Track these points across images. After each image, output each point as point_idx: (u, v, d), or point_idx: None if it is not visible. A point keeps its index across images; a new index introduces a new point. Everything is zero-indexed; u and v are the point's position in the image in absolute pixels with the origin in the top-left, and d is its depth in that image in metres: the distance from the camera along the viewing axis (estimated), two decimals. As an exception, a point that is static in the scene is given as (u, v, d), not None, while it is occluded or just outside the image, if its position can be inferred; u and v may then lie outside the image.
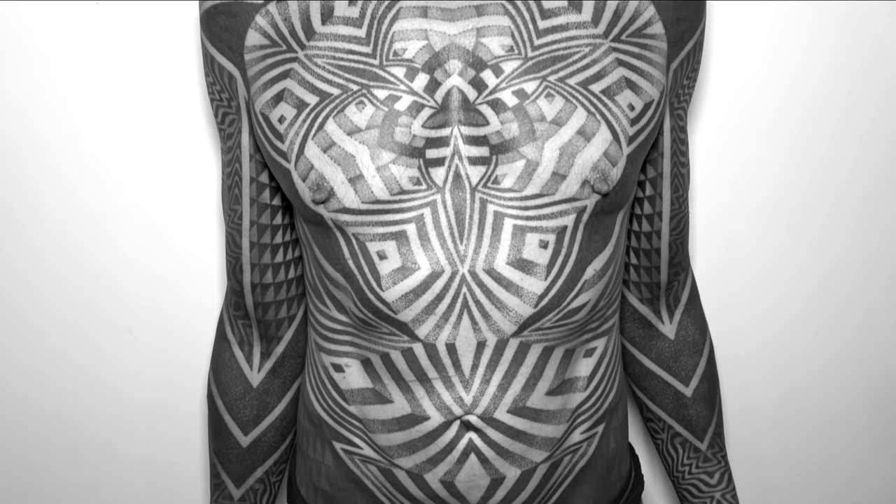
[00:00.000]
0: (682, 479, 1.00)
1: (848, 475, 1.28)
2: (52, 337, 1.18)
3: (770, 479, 1.28)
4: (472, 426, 0.81)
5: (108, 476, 1.21)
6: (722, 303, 1.20)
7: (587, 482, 0.89)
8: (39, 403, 1.19)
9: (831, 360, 1.25)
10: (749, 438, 1.26)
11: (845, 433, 1.27)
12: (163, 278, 1.17)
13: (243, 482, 0.96)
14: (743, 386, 1.24)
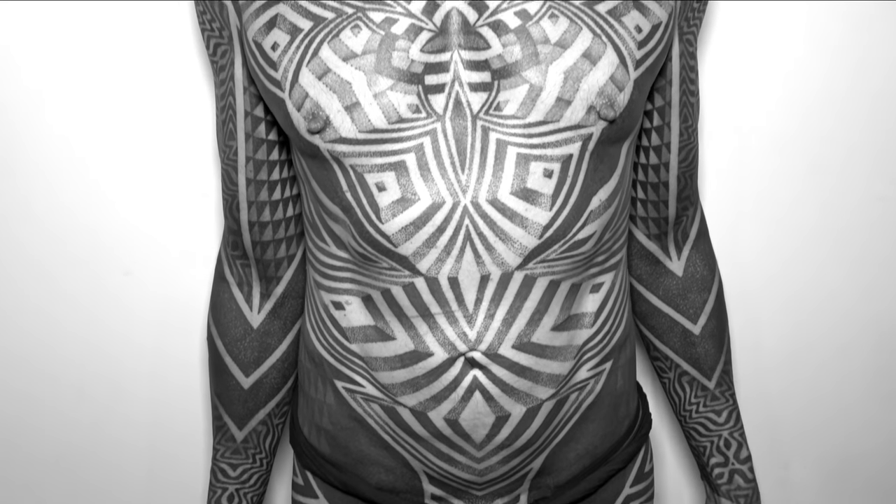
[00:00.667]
0: (689, 418, 0.97)
1: (854, 409, 1.25)
2: (55, 277, 1.15)
3: (778, 416, 1.26)
4: (477, 363, 0.78)
5: (111, 414, 1.19)
6: (731, 238, 1.16)
7: (594, 420, 0.86)
8: (45, 342, 1.17)
9: (836, 294, 1.21)
10: (757, 376, 1.23)
11: (851, 367, 1.24)
12: (161, 221, 1.14)
13: (246, 424, 0.94)
14: (751, 323, 1.21)
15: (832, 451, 1.28)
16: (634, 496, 0.92)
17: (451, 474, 0.83)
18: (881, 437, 1.27)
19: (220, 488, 0.94)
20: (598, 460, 0.88)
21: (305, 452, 0.91)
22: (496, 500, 0.86)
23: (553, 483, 0.87)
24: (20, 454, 1.21)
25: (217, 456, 0.95)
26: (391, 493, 0.87)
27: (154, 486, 1.22)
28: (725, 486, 0.95)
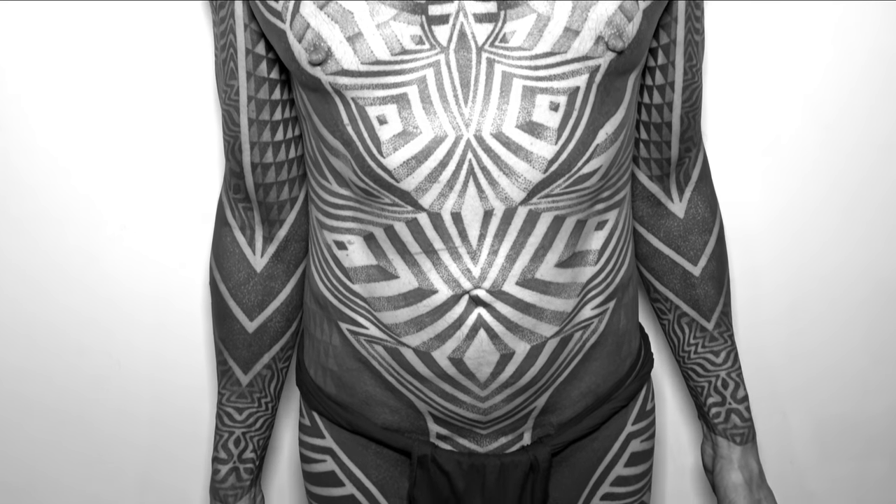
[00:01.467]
0: (687, 358, 0.96)
1: (850, 359, 1.25)
2: (56, 231, 1.13)
3: (775, 363, 1.25)
4: (481, 301, 0.77)
5: (115, 369, 1.18)
6: (733, 181, 1.15)
7: (597, 358, 0.85)
8: (51, 295, 1.16)
9: (834, 242, 1.20)
10: (755, 323, 1.22)
11: (848, 316, 1.23)
12: (158, 169, 1.12)
13: (250, 368, 0.92)
14: (752, 269, 1.20)
15: (829, 400, 1.27)
16: (636, 434, 0.91)
17: (456, 414, 0.82)
18: (877, 387, 1.27)
19: (227, 432, 0.93)
20: (601, 399, 0.87)
21: (312, 393, 0.90)
22: (500, 439, 0.85)
23: (556, 421, 0.86)
24: (16, 427, 1.20)
25: (222, 400, 0.93)
26: (397, 432, 0.86)
27: (157, 434, 1.22)
28: (722, 425, 0.94)
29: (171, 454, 1.21)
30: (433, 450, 0.85)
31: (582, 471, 0.90)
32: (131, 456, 1.21)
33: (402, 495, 0.89)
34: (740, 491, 0.92)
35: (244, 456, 0.92)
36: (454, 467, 0.84)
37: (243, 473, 0.92)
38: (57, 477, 1.22)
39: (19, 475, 1.22)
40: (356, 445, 0.89)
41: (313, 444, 0.91)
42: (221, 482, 0.92)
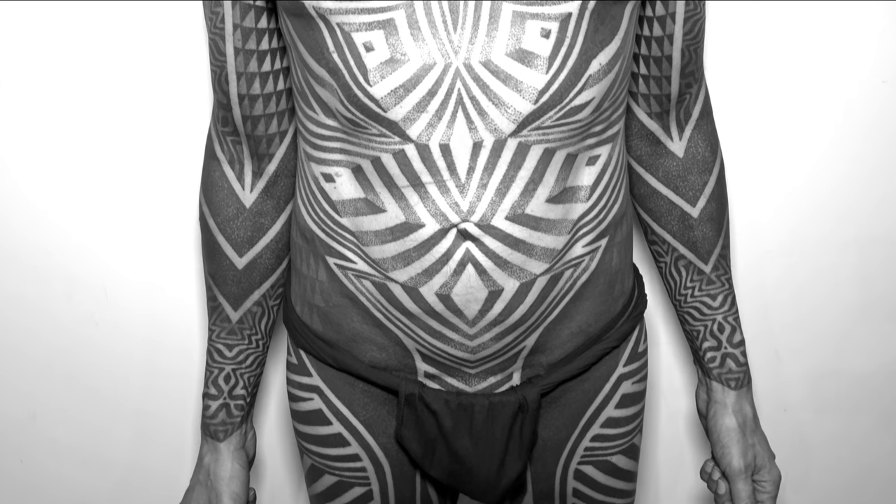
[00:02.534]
0: (683, 302, 0.93)
1: (852, 302, 1.22)
2: (44, 168, 1.11)
3: (771, 305, 1.22)
4: (469, 235, 0.74)
5: (105, 309, 1.17)
6: (735, 119, 1.11)
7: (588, 298, 0.82)
8: (32, 241, 1.14)
9: (840, 185, 1.17)
10: (754, 265, 1.19)
11: (852, 261, 1.20)
12: (151, 104, 1.09)
13: (240, 305, 0.90)
14: (751, 206, 1.16)
15: (824, 347, 1.25)
16: (627, 375, 0.89)
17: (444, 352, 0.80)
18: (874, 336, 1.24)
19: (217, 368, 0.91)
20: (592, 339, 0.85)
21: (298, 330, 0.88)
22: (489, 378, 0.83)
23: (546, 361, 0.84)
24: (14, 354, 1.19)
25: (213, 337, 0.92)
26: (384, 370, 0.84)
27: (150, 376, 1.21)
28: (717, 369, 0.91)
29: (164, 391, 1.21)
30: (421, 388, 0.83)
31: (572, 412, 0.88)
32: (127, 391, 1.21)
33: (390, 434, 0.88)
34: (733, 435, 0.90)
35: (234, 392, 0.91)
36: (442, 406, 0.83)
37: (234, 410, 0.91)
38: (56, 407, 1.21)
39: (19, 407, 1.22)
40: (343, 384, 0.87)
41: (300, 383, 0.90)
42: (212, 418, 0.90)
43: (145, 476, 1.23)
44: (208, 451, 0.91)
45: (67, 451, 1.22)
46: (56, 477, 1.23)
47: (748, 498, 0.88)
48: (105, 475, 1.24)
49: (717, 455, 0.90)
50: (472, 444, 0.84)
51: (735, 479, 0.88)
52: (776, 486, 0.90)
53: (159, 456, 1.23)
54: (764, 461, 0.90)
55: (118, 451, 1.23)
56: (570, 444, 0.89)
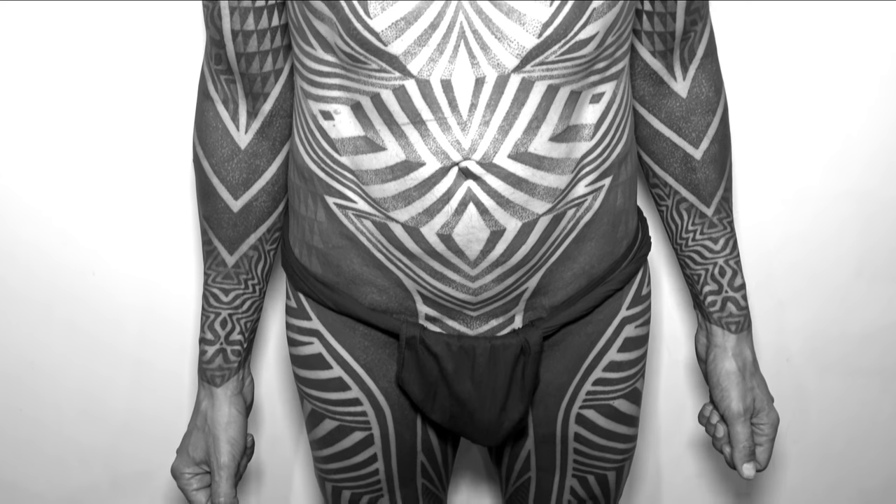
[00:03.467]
0: (685, 245, 0.92)
1: (852, 246, 1.21)
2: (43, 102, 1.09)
3: (773, 251, 1.21)
4: (471, 173, 0.72)
5: (102, 258, 1.15)
6: (739, 57, 1.08)
7: (591, 239, 0.81)
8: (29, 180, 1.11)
9: (845, 135, 1.15)
10: (756, 206, 1.18)
11: (848, 211, 1.19)
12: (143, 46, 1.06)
13: (236, 249, 0.88)
14: (756, 150, 1.15)
15: (826, 293, 1.24)
16: (630, 318, 0.88)
17: (445, 294, 0.79)
18: (874, 284, 1.23)
19: (213, 313, 0.89)
20: (595, 281, 0.84)
21: (297, 273, 0.86)
22: (490, 321, 0.82)
23: (548, 304, 0.82)
24: (12, 302, 1.17)
25: (208, 281, 0.90)
26: (384, 313, 0.83)
27: (147, 323, 1.19)
28: (718, 313, 0.90)
29: (161, 339, 1.20)
30: (422, 331, 0.81)
31: (574, 355, 0.87)
32: (125, 339, 1.20)
33: (391, 378, 0.87)
34: (733, 378, 0.89)
35: (231, 338, 0.89)
36: (443, 349, 0.82)
37: (231, 355, 0.89)
38: (54, 356, 1.20)
39: (18, 356, 1.20)
40: (343, 327, 0.86)
41: (300, 327, 0.88)
42: (209, 363, 0.89)
43: (143, 423, 1.23)
44: (205, 397, 0.89)
45: (66, 399, 1.21)
46: (55, 425, 1.22)
47: (746, 440, 0.88)
48: (104, 423, 1.23)
49: (715, 398, 0.90)
50: (473, 388, 0.83)
51: (734, 422, 0.88)
52: (774, 428, 0.90)
53: (157, 403, 1.22)
54: (763, 404, 0.90)
55: (117, 399, 1.22)
56: (572, 387, 0.88)
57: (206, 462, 0.88)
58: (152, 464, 1.23)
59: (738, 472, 0.88)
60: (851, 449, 1.32)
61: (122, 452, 1.24)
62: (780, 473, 1.34)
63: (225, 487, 0.85)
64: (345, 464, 0.92)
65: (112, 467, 1.25)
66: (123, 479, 1.26)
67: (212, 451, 0.87)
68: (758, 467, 0.89)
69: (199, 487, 0.88)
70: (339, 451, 0.91)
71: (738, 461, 0.88)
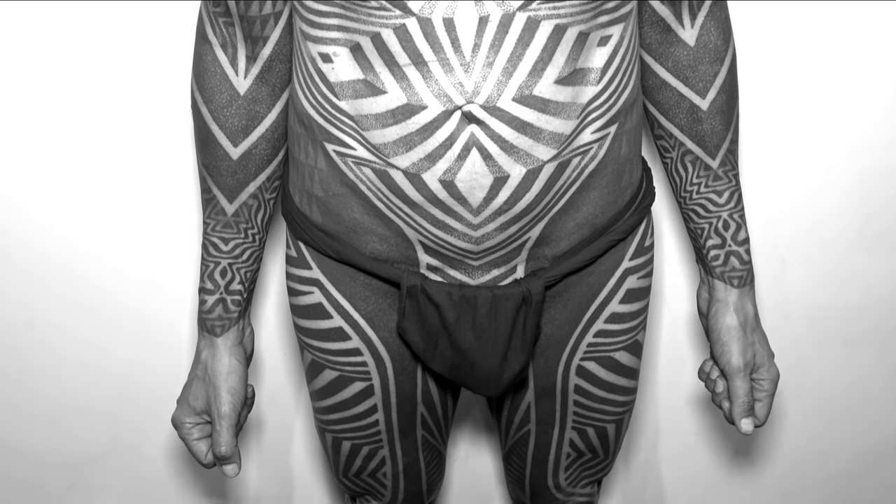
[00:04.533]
0: (689, 199, 0.90)
1: (852, 217, 1.20)
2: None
3: (777, 210, 1.20)
4: (474, 117, 0.70)
5: (100, 220, 1.14)
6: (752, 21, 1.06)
7: (596, 188, 0.79)
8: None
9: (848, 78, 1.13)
10: (762, 156, 1.16)
11: (853, 170, 1.17)
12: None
13: (236, 197, 0.87)
14: (762, 98, 1.13)
15: (830, 250, 1.23)
16: (633, 270, 0.86)
17: (447, 243, 0.77)
18: (878, 240, 1.22)
19: (213, 262, 0.88)
20: (598, 231, 0.82)
21: (297, 222, 0.84)
22: (492, 271, 0.81)
23: (551, 254, 0.81)
24: (10, 261, 1.16)
25: (208, 230, 0.88)
26: (385, 262, 0.81)
27: (147, 279, 1.18)
28: (720, 268, 0.88)
29: (160, 298, 1.18)
30: (423, 280, 0.80)
31: (576, 306, 0.86)
32: (123, 298, 1.18)
33: (391, 328, 0.86)
34: (734, 333, 0.87)
35: (231, 287, 0.88)
36: (444, 298, 0.80)
37: (230, 305, 0.88)
38: (53, 314, 1.19)
39: (17, 314, 1.19)
40: (344, 276, 0.84)
41: (300, 276, 0.87)
42: (208, 313, 0.88)
43: (143, 381, 1.22)
44: (205, 347, 0.88)
45: (66, 357, 1.20)
46: (56, 383, 1.21)
47: (746, 395, 0.86)
48: (104, 380, 1.22)
49: (716, 353, 0.89)
50: (474, 338, 0.82)
51: (733, 377, 0.87)
52: (774, 384, 0.89)
53: (157, 361, 1.21)
54: (763, 360, 0.89)
55: (116, 356, 1.21)
56: (573, 339, 0.87)
57: (206, 412, 0.87)
58: (153, 421, 1.23)
59: (737, 427, 0.87)
60: (849, 407, 1.32)
61: (122, 410, 1.24)
62: (778, 430, 1.33)
63: (226, 437, 0.84)
64: (345, 414, 0.91)
65: (112, 425, 1.24)
66: (124, 437, 1.25)
67: (212, 400, 0.86)
68: (756, 423, 0.88)
69: (200, 437, 0.88)
70: (339, 402, 0.91)
71: (737, 416, 0.87)
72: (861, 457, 1.35)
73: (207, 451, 0.87)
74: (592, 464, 0.99)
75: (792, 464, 1.35)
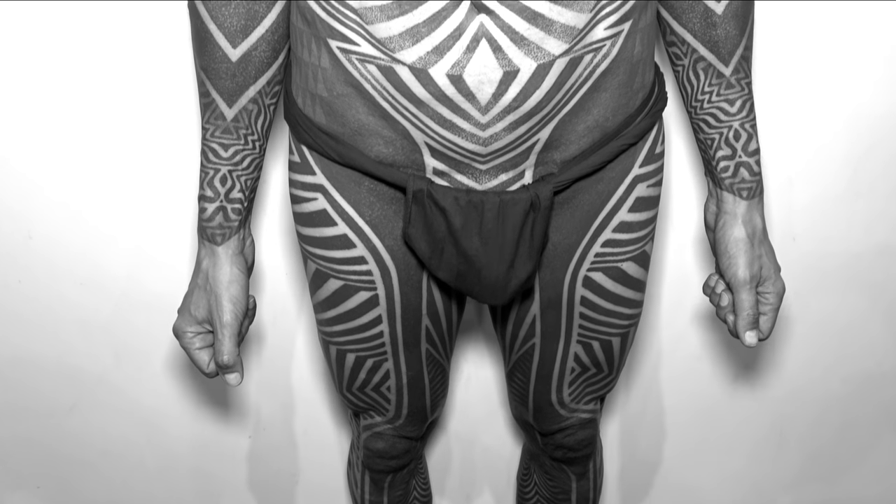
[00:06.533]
0: (700, 108, 0.87)
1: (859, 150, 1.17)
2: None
3: (783, 133, 1.17)
4: (484, 7, 0.67)
5: (99, 132, 1.10)
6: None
7: (607, 89, 0.76)
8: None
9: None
10: (775, 67, 1.13)
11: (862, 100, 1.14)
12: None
13: (235, 101, 0.83)
14: (776, 22, 1.09)
15: (835, 171, 1.20)
16: (643, 177, 0.84)
17: (454, 144, 0.75)
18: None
19: (212, 169, 0.85)
20: (609, 135, 0.79)
21: (300, 124, 0.81)
22: (500, 176, 0.78)
23: (560, 158, 0.78)
24: (7, 173, 1.13)
25: (207, 136, 0.85)
26: (391, 166, 0.79)
27: (145, 197, 1.16)
28: (729, 179, 0.86)
29: (160, 209, 1.16)
30: (429, 185, 0.77)
31: (584, 214, 0.83)
32: (123, 209, 1.16)
33: (397, 236, 0.84)
34: (741, 245, 0.85)
35: (231, 196, 0.85)
36: (451, 203, 0.78)
37: (231, 214, 0.85)
38: (51, 226, 1.17)
39: (15, 227, 1.17)
40: (348, 182, 0.82)
41: (303, 182, 0.84)
42: (208, 221, 0.85)
43: (144, 293, 1.20)
44: (206, 255, 0.86)
45: (65, 270, 1.18)
46: (56, 296, 1.20)
47: (751, 308, 0.85)
48: (103, 294, 1.20)
49: (722, 266, 0.87)
50: (481, 244, 0.80)
51: (739, 290, 0.85)
52: (780, 298, 0.87)
53: (157, 272, 1.19)
54: (769, 273, 0.87)
55: (116, 269, 1.19)
56: (581, 249, 0.85)
57: (208, 321, 0.85)
58: (154, 334, 1.21)
59: (741, 340, 0.86)
60: (853, 324, 1.31)
61: (123, 322, 1.22)
62: (779, 350, 1.33)
63: (228, 346, 0.83)
64: (349, 325, 0.90)
65: (114, 338, 1.23)
66: (126, 350, 1.24)
67: (214, 309, 0.84)
68: (760, 336, 0.87)
69: (202, 347, 0.86)
70: (343, 313, 0.89)
71: (741, 329, 0.85)
72: (867, 375, 1.35)
73: (210, 360, 0.86)
74: (596, 379, 0.98)
75: (792, 387, 1.35)
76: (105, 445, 1.29)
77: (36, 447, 1.28)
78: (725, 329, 1.29)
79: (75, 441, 1.28)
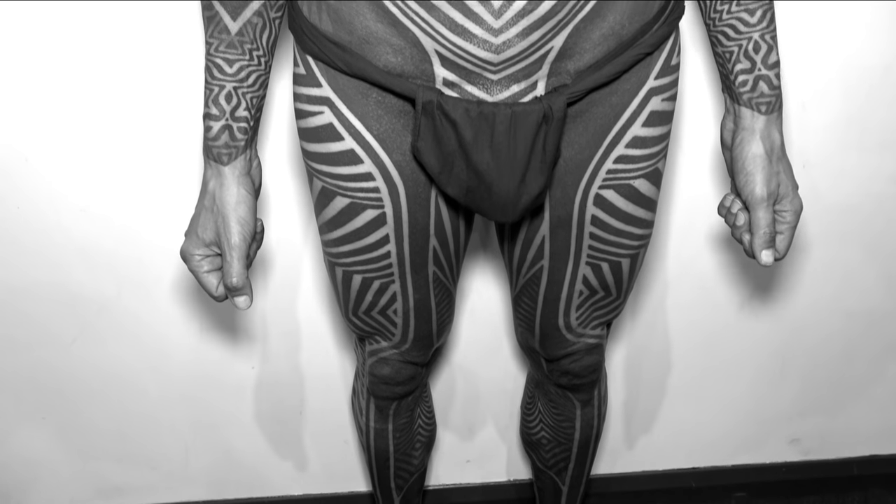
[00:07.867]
0: (718, 20, 0.84)
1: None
2: None
3: (792, 56, 1.14)
4: None
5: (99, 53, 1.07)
6: None
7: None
8: None
9: None
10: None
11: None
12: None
13: (239, 14, 0.80)
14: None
15: (849, 94, 1.18)
16: (658, 90, 0.82)
17: (466, 52, 0.72)
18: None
19: (217, 86, 0.82)
20: (624, 44, 0.77)
21: (306, 33, 0.79)
22: (512, 86, 0.76)
23: (573, 68, 0.76)
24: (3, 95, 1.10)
25: (211, 51, 0.82)
26: (400, 76, 0.76)
27: (147, 113, 1.13)
28: (748, 94, 0.83)
29: (162, 130, 1.13)
30: (439, 96, 0.75)
31: (597, 128, 0.81)
32: (123, 132, 1.13)
33: (405, 150, 0.82)
34: (759, 162, 0.83)
35: (237, 114, 0.82)
36: (462, 115, 0.76)
37: (237, 133, 0.83)
38: (50, 150, 1.14)
39: (12, 151, 1.14)
40: (355, 94, 0.79)
41: (309, 95, 0.82)
42: (214, 140, 0.83)
43: (146, 219, 1.18)
44: (213, 176, 0.84)
45: (65, 196, 1.16)
46: (55, 224, 1.18)
47: (768, 226, 0.83)
48: (105, 222, 1.18)
49: (739, 184, 0.85)
50: (492, 157, 0.78)
51: (756, 207, 0.83)
52: (797, 216, 0.86)
53: (163, 194, 1.17)
54: (787, 190, 0.85)
55: (119, 192, 1.16)
56: (593, 165, 0.83)
57: (215, 243, 0.83)
58: (159, 262, 1.20)
59: (757, 259, 0.84)
60: (862, 259, 1.30)
61: (125, 250, 1.20)
62: (788, 273, 1.32)
63: (237, 267, 0.81)
64: (356, 245, 0.88)
65: (116, 266, 1.22)
66: (128, 281, 1.22)
67: (221, 231, 0.82)
68: (776, 255, 0.85)
69: (210, 270, 0.84)
70: (350, 232, 0.87)
71: (758, 248, 0.84)
72: (864, 314, 1.35)
73: (218, 283, 0.84)
74: (604, 303, 0.97)
75: (795, 317, 1.35)
76: (109, 376, 1.29)
77: (40, 378, 1.27)
78: (732, 255, 1.28)
79: (79, 371, 1.27)
